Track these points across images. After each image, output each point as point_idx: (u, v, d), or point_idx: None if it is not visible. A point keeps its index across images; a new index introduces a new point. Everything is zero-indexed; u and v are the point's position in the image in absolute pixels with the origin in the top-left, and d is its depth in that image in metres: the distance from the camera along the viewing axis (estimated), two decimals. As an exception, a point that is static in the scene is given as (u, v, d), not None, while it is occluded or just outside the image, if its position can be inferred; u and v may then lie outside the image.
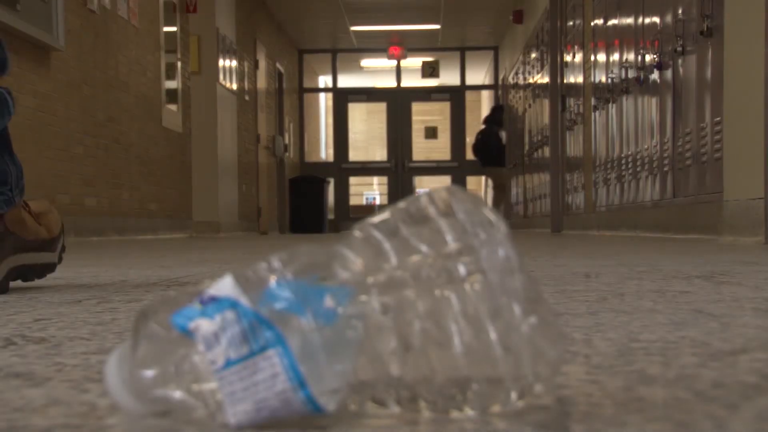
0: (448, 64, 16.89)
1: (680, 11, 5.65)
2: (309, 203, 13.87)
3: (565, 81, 9.97)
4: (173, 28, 8.90)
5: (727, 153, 4.81)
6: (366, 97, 17.73)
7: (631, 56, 6.99)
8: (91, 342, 1.07)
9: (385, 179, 18.05)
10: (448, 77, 17.23)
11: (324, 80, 18.11)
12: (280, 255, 0.61)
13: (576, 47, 9.34)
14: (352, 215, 17.08)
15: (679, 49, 5.58)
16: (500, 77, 16.66)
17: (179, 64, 9.01)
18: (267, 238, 8.99)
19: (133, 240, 7.18)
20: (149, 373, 0.59)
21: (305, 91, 17.31)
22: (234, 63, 11.03)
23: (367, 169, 18.00)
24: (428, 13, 14.02)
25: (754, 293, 1.64)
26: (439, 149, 18.35)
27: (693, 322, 1.19)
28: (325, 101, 18.84)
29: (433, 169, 17.83)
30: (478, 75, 17.95)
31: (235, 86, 11.07)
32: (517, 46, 13.98)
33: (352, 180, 17.99)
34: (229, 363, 0.57)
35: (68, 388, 0.76)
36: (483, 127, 14.28)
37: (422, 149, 18.38)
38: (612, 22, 7.77)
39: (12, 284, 1.89)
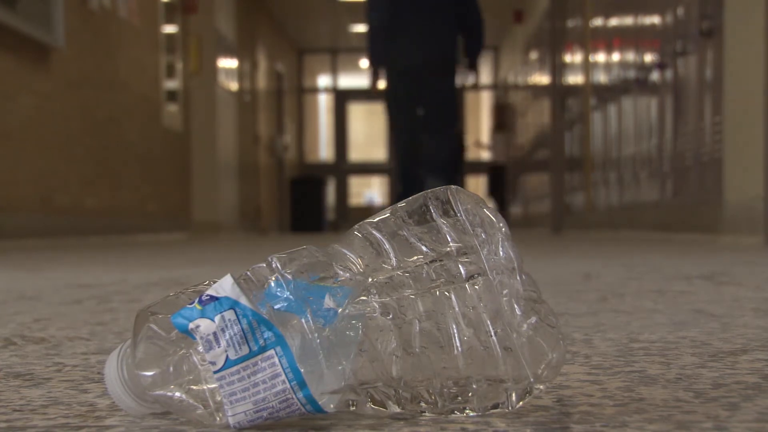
0: (448, 64, 16.85)
1: (680, 11, 5.65)
2: (309, 203, 13.86)
3: (565, 81, 9.97)
4: (173, 28, 8.90)
5: (727, 153, 4.81)
6: (366, 98, 17.73)
7: (631, 56, 6.99)
8: (91, 342, 1.07)
9: (385, 179, 18.05)
10: (448, 77, 17.19)
11: (324, 80, 18.11)
12: (280, 255, 0.60)
13: (576, 47, 9.34)
14: (351, 215, 17.08)
15: (679, 49, 5.58)
16: (500, 77, 16.66)
17: (179, 64, 9.01)
18: (267, 238, 8.99)
19: (133, 240, 7.18)
20: (149, 373, 0.59)
21: (305, 92, 17.31)
22: (234, 63, 11.03)
23: (367, 169, 18.01)
24: (428, 13, 14.00)
25: (754, 293, 1.64)
26: (439, 149, 18.30)
27: (693, 322, 1.19)
28: (324, 101, 18.85)
29: (433, 169, 17.78)
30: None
31: (234, 86, 11.07)
32: (517, 46, 13.97)
33: (352, 180, 17.99)
34: (228, 363, 0.57)
35: (68, 388, 0.76)
36: None
37: (422, 149, 18.34)
38: (612, 22, 7.77)
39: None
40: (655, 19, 6.30)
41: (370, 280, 0.60)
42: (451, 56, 5.62)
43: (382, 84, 5.83)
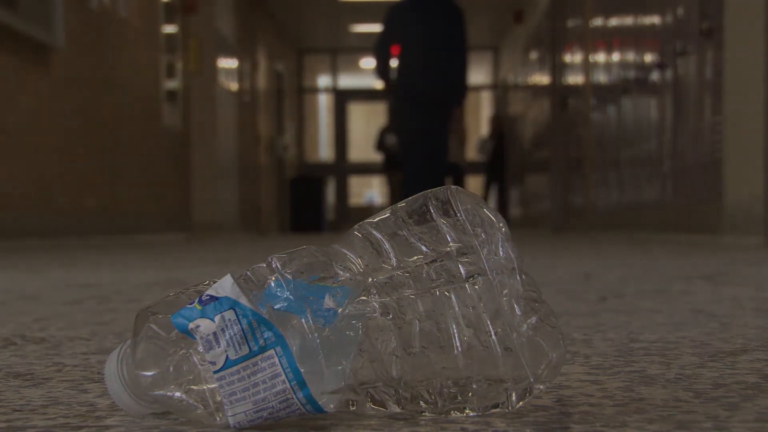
0: (448, 64, 16.84)
1: (680, 11, 5.65)
2: (309, 203, 13.86)
3: (565, 81, 9.97)
4: (173, 28, 8.90)
5: (727, 153, 4.81)
6: (366, 98, 17.72)
7: (631, 56, 6.99)
8: (91, 342, 1.07)
9: (385, 179, 18.04)
10: (448, 77, 17.17)
11: (324, 80, 18.11)
12: (280, 255, 0.60)
13: (576, 47, 9.34)
14: (351, 215, 17.08)
15: (679, 49, 5.58)
16: (500, 77, 16.66)
17: (179, 64, 9.00)
18: (267, 238, 8.99)
19: (133, 240, 7.18)
20: (149, 373, 0.59)
21: (305, 92, 17.31)
22: (234, 63, 11.03)
23: (367, 169, 18.01)
24: (428, 13, 13.99)
25: (754, 293, 1.64)
26: (439, 149, 18.28)
27: (693, 322, 1.19)
28: (324, 101, 18.85)
29: (433, 169, 17.76)
30: (478, 75, 17.96)
31: (234, 86, 11.07)
32: (517, 46, 13.97)
33: (352, 180, 17.98)
34: (228, 363, 0.57)
35: (68, 388, 0.76)
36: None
37: (422, 149, 18.32)
38: (612, 22, 7.77)
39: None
40: (655, 19, 6.30)
41: (370, 280, 0.60)
42: (455, 90, 6.63)
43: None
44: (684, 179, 5.61)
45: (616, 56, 7.55)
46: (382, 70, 6.63)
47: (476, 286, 0.59)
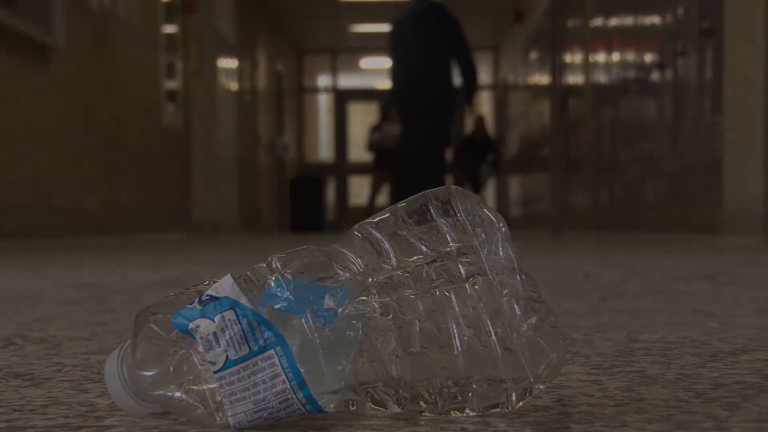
0: (448, 64, 16.82)
1: (680, 11, 5.65)
2: (309, 203, 13.86)
3: (565, 81, 9.97)
4: (173, 28, 8.90)
5: (727, 153, 4.81)
6: (366, 98, 17.71)
7: (631, 56, 6.99)
8: (91, 342, 1.07)
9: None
10: (448, 77, 17.16)
11: (324, 80, 18.10)
12: (280, 255, 0.60)
13: (576, 47, 9.34)
14: (352, 215, 17.07)
15: (679, 49, 5.58)
16: (500, 77, 16.65)
17: (179, 64, 9.00)
18: (267, 238, 8.99)
19: (133, 240, 7.18)
20: (149, 373, 0.59)
21: (305, 92, 17.30)
22: (234, 63, 11.03)
23: (367, 169, 18.00)
24: (428, 13, 13.98)
25: (754, 293, 1.64)
26: (439, 149, 18.26)
27: (693, 322, 1.19)
28: (324, 101, 18.84)
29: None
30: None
31: (234, 86, 11.07)
32: (517, 46, 13.97)
33: (352, 180, 17.98)
34: (228, 363, 0.57)
35: (68, 388, 0.76)
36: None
37: (422, 149, 18.30)
38: (612, 22, 7.77)
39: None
40: (655, 19, 6.30)
41: (370, 280, 0.60)
42: (450, 97, 6.95)
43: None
44: (684, 179, 5.60)
45: (616, 56, 7.55)
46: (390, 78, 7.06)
47: (476, 286, 0.59)
